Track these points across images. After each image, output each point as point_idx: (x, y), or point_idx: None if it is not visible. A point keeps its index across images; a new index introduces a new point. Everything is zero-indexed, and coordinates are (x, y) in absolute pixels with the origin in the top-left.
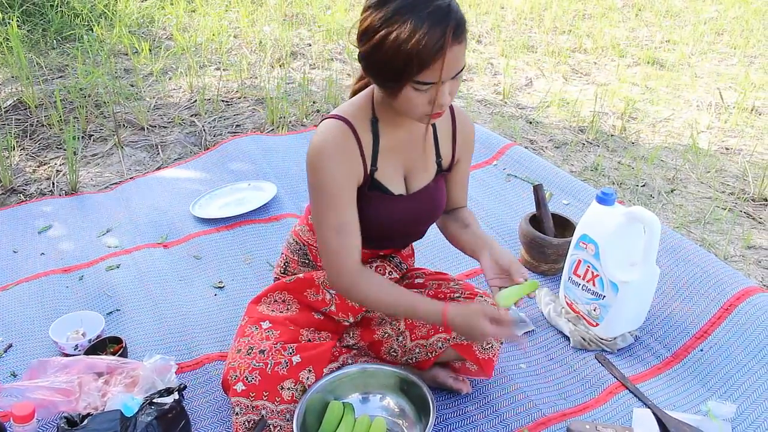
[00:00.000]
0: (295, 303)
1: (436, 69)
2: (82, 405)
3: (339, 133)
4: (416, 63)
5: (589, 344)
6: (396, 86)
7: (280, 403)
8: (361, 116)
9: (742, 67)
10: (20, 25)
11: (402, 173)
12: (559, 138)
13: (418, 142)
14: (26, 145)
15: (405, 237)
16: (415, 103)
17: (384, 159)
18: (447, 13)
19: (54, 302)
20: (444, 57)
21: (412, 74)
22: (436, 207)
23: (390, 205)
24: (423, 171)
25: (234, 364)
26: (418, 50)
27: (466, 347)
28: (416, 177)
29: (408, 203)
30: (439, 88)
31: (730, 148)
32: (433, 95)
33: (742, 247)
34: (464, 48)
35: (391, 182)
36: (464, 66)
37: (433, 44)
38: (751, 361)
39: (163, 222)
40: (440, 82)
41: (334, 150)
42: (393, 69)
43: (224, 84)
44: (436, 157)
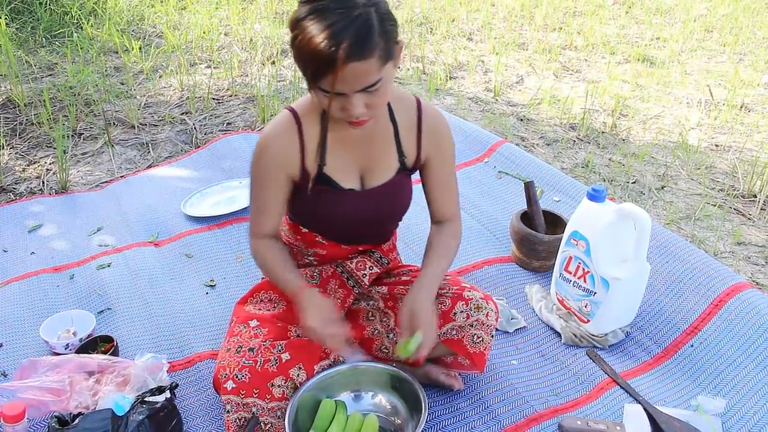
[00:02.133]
0: (281, 301)
1: (332, 81)
2: (73, 404)
3: (281, 127)
4: (313, 71)
5: (580, 341)
6: (308, 87)
7: (270, 401)
8: (312, 109)
9: (732, 64)
10: (9, 23)
11: (357, 169)
12: (550, 135)
13: (374, 138)
14: (15, 143)
15: (368, 234)
16: (330, 107)
17: (333, 153)
18: (346, 27)
19: (44, 301)
20: (336, 72)
21: (312, 80)
22: (397, 205)
23: (339, 199)
24: (382, 168)
25: (224, 363)
26: (313, 59)
27: (456, 342)
28: (374, 174)
29: (362, 199)
30: (349, 99)
31: (720, 144)
32: (343, 104)
33: (732, 243)
34: (372, 64)
35: (342, 177)
36: (377, 81)
37: (327, 57)
38: (740, 357)
39: (154, 220)
40: (332, 95)
41: (273, 142)
42: (301, 69)
43: (215, 82)
44: (398, 155)
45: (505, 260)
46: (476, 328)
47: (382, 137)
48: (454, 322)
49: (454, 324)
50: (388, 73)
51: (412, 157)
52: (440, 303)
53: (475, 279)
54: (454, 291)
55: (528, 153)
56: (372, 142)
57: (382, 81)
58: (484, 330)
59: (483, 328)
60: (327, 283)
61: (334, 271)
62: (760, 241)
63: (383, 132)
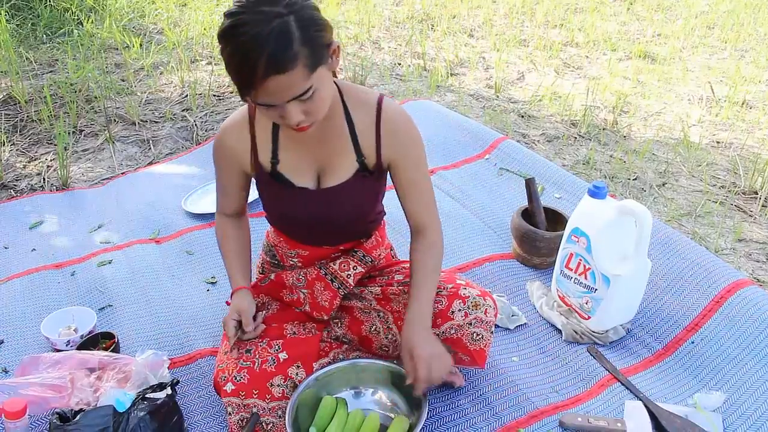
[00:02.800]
0: (274, 302)
1: (256, 95)
2: (74, 401)
3: (235, 121)
4: (238, 85)
5: (581, 337)
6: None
7: (270, 401)
8: None
9: (733, 61)
10: (9, 20)
11: (313, 168)
12: (551, 132)
13: (327, 137)
14: (16, 140)
15: (334, 234)
16: (267, 115)
17: (286, 152)
18: (262, 42)
19: (45, 298)
20: (256, 88)
21: (241, 93)
22: (356, 207)
23: (292, 196)
24: (338, 168)
25: (222, 366)
26: (235, 74)
27: (456, 341)
28: (330, 174)
29: (316, 199)
30: (284, 109)
31: (721, 141)
32: (279, 112)
33: (733, 240)
34: (296, 75)
35: (295, 175)
36: (307, 89)
37: (246, 73)
38: (741, 353)
39: (155, 217)
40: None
41: (226, 135)
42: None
43: (216, 79)
44: (356, 155)
45: (506, 257)
46: (475, 326)
47: (336, 136)
48: (452, 321)
49: (452, 323)
50: (320, 79)
51: (373, 160)
52: (437, 302)
53: (476, 276)
54: (450, 289)
55: (529, 150)
56: (325, 141)
57: (314, 88)
58: (483, 327)
59: (482, 326)
60: (313, 286)
61: (318, 273)
62: (761, 238)
63: (338, 131)
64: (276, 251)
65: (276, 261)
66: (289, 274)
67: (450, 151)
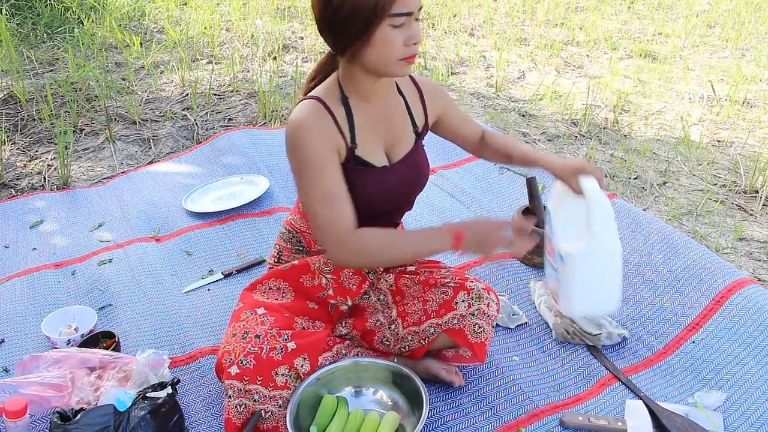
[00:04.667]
0: (290, 291)
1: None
2: (74, 400)
3: (313, 110)
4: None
5: (572, 337)
6: (369, 32)
7: (273, 389)
8: (331, 96)
9: (734, 60)
10: (9, 19)
11: (382, 146)
12: (551, 131)
13: (392, 114)
14: (17, 139)
15: (396, 208)
16: (393, 44)
17: (362, 134)
18: None
19: (46, 297)
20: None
21: (384, 8)
22: (420, 173)
23: (375, 177)
24: (402, 142)
25: (229, 348)
26: None
27: (458, 331)
28: (396, 148)
29: (392, 173)
30: (412, 21)
31: (722, 140)
32: (406, 33)
33: (734, 239)
34: None
35: (372, 156)
36: (422, 6)
37: None
38: (742, 353)
39: (156, 216)
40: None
41: (311, 123)
42: (363, 13)
43: (216, 78)
44: (412, 126)
45: (506, 256)
46: (477, 317)
47: (397, 112)
48: (455, 311)
49: (455, 313)
50: None
51: (422, 124)
52: (442, 293)
53: (476, 274)
54: (457, 281)
55: None
56: (391, 118)
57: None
58: (485, 320)
59: (484, 318)
60: (341, 270)
61: None
62: (762, 237)
63: (397, 106)
64: (302, 237)
65: (300, 247)
66: (315, 259)
67: (451, 151)
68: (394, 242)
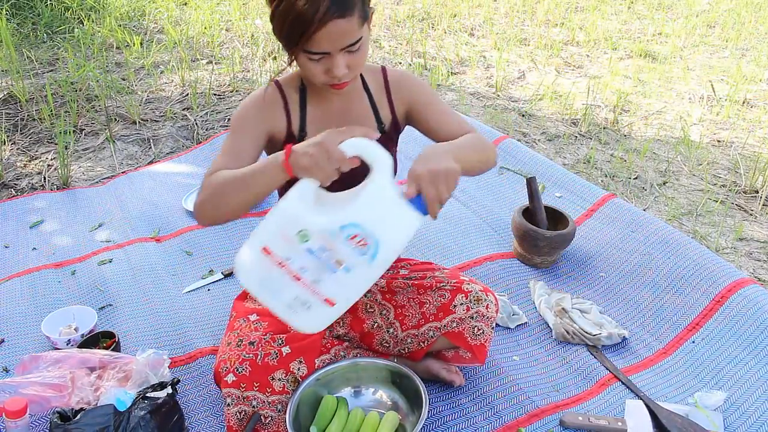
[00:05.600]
0: None
1: (317, 40)
2: (74, 400)
3: (268, 94)
4: (297, 32)
5: (572, 337)
6: (290, 53)
7: (271, 394)
8: (291, 83)
9: (734, 60)
10: (9, 19)
11: None
12: (551, 131)
13: (351, 109)
14: (17, 139)
15: None
16: (311, 71)
17: (312, 125)
18: None
19: (46, 297)
20: (320, 29)
21: (297, 43)
22: None
23: None
24: None
25: (224, 357)
26: (297, 20)
27: (457, 334)
28: None
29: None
30: (333, 59)
31: (722, 140)
32: (327, 65)
33: (734, 239)
34: (353, 22)
35: None
36: (358, 39)
37: (309, 16)
38: (742, 353)
39: (156, 216)
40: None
41: (257, 98)
42: (286, 34)
43: (216, 78)
44: (377, 123)
45: (506, 256)
46: (476, 320)
47: (358, 107)
48: (454, 314)
49: (454, 316)
50: (366, 34)
51: (389, 120)
52: (440, 296)
53: (476, 275)
54: (453, 284)
55: (530, 149)
56: (349, 114)
57: (362, 41)
58: (485, 322)
59: (483, 320)
60: None
61: None
62: (762, 237)
63: (359, 101)
64: None
65: None
66: None
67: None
68: (232, 172)
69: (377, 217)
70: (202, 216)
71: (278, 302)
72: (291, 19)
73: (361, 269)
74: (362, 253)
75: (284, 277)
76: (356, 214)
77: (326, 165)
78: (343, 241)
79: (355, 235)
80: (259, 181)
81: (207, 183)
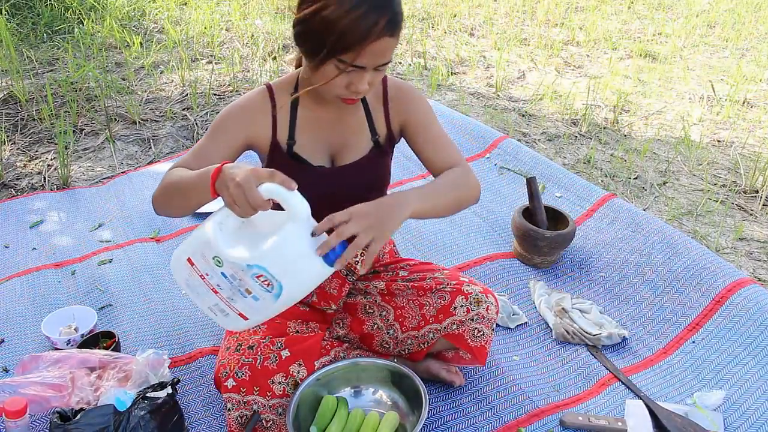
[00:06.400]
0: None
1: (361, 53)
2: (74, 400)
3: (257, 95)
4: (344, 42)
5: (572, 337)
6: (319, 60)
7: (271, 398)
8: (284, 89)
9: (734, 60)
10: (9, 19)
11: (326, 148)
12: (551, 131)
13: (345, 119)
14: (17, 139)
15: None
16: (334, 82)
17: (302, 133)
18: (385, 5)
19: (46, 297)
20: (369, 45)
21: (337, 52)
22: (368, 183)
23: (310, 174)
24: (352, 150)
25: (224, 361)
26: (350, 30)
27: (457, 336)
28: (344, 153)
29: (331, 176)
30: (362, 74)
31: (722, 140)
32: (352, 79)
33: (734, 239)
34: (395, 43)
35: (310, 155)
36: (389, 61)
37: (365, 29)
38: (742, 353)
39: (156, 216)
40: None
41: (244, 104)
42: (322, 42)
43: (216, 77)
44: (371, 134)
45: (506, 256)
46: (477, 322)
47: (353, 118)
48: (454, 316)
49: (454, 318)
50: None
51: (384, 133)
52: (440, 298)
53: (476, 275)
54: (453, 285)
55: (530, 149)
56: (342, 123)
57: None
58: (485, 324)
59: (483, 322)
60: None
61: None
62: (762, 237)
63: (354, 111)
64: None
65: None
66: None
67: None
68: (181, 174)
69: (282, 264)
70: (157, 208)
71: (201, 303)
72: (339, 28)
73: (267, 302)
74: (267, 290)
75: (204, 287)
76: (263, 258)
77: (243, 205)
78: (250, 277)
79: (260, 275)
80: (192, 193)
81: (164, 178)
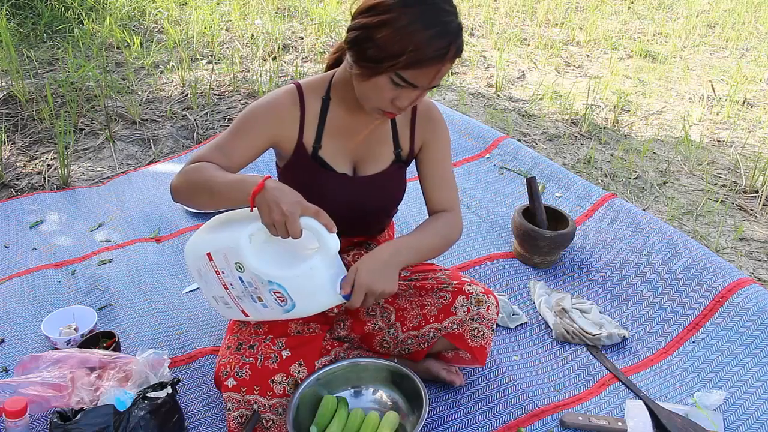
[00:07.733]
0: None
1: (422, 73)
2: (74, 400)
3: (287, 95)
4: (409, 59)
5: (572, 338)
6: (374, 70)
7: (272, 398)
8: (315, 91)
9: (734, 60)
10: (10, 19)
11: (350, 158)
12: (551, 131)
13: (371, 131)
14: (17, 139)
15: (359, 222)
16: (380, 95)
17: (329, 139)
18: (457, 33)
19: (46, 297)
20: (437, 66)
21: (398, 66)
22: (388, 195)
23: (332, 181)
24: (375, 160)
25: (224, 361)
26: (419, 49)
27: (458, 336)
28: (366, 164)
29: (353, 186)
30: (411, 92)
31: (722, 140)
32: (398, 94)
33: (734, 238)
34: (449, 68)
35: (334, 161)
36: (439, 84)
37: (435, 50)
38: (742, 353)
39: (156, 216)
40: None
41: (273, 104)
42: (384, 53)
43: (216, 77)
44: (394, 147)
45: (506, 256)
46: (477, 321)
47: (379, 129)
48: (454, 316)
49: (454, 318)
50: None
51: (407, 149)
52: (441, 297)
53: (476, 275)
54: (455, 285)
55: (530, 149)
56: (369, 133)
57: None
58: (485, 324)
59: (484, 322)
60: None
61: None
62: (762, 237)
63: (381, 124)
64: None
65: None
66: None
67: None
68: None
69: (302, 291)
70: (177, 198)
71: (207, 291)
72: (408, 45)
73: (275, 312)
74: (280, 305)
75: (216, 281)
76: (286, 278)
77: (282, 231)
78: (267, 290)
79: (278, 291)
80: (224, 197)
81: (187, 170)
